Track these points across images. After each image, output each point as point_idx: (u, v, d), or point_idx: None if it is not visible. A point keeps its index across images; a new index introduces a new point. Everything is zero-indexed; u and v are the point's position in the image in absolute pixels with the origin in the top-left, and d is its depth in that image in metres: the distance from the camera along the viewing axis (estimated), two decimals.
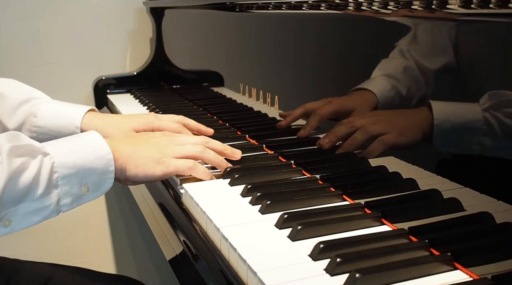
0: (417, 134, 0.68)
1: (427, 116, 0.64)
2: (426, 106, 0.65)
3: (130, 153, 0.76)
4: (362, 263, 0.54)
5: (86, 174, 0.70)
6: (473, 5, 0.56)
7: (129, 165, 0.75)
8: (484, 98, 0.57)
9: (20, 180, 0.65)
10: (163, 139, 0.81)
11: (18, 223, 0.66)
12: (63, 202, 0.69)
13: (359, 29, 0.79)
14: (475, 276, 0.52)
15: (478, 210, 0.58)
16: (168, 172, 0.77)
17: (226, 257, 0.61)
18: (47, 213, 0.68)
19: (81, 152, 0.70)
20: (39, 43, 1.69)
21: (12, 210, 0.65)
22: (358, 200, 0.71)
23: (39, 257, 1.05)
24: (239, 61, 1.21)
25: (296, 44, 0.96)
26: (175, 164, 0.77)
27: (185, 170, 0.78)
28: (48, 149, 0.69)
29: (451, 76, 0.64)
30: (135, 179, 0.76)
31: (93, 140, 0.73)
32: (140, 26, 1.78)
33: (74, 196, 0.70)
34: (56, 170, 0.68)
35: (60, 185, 0.68)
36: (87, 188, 0.71)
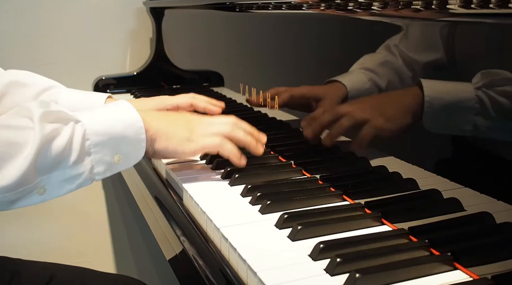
0: (407, 115, 0.67)
1: (418, 95, 0.63)
2: (417, 85, 0.64)
3: (161, 126, 0.76)
4: (362, 263, 0.54)
5: (117, 141, 0.70)
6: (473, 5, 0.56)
7: (160, 137, 0.75)
8: (477, 77, 0.56)
9: (52, 146, 0.64)
10: (193, 118, 0.82)
11: (52, 191, 0.67)
12: (97, 170, 0.69)
13: (359, 29, 0.79)
14: (475, 276, 0.52)
15: (478, 210, 0.58)
16: (197, 150, 0.78)
17: (226, 257, 0.61)
18: (80, 181, 0.68)
19: (112, 119, 0.71)
20: (39, 43, 1.69)
21: (46, 177, 0.65)
22: (358, 200, 0.71)
23: (40, 257, 1.05)
24: (239, 61, 1.21)
25: (296, 44, 0.96)
26: (204, 141, 0.78)
27: (212, 146, 0.78)
28: (80, 116, 0.69)
29: (441, 71, 0.64)
30: (164, 152, 0.76)
31: (124, 109, 0.73)
32: (140, 26, 1.78)
33: (107, 164, 0.70)
34: (88, 137, 0.68)
35: (92, 152, 0.68)
36: (119, 156, 0.71)
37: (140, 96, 1.54)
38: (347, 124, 0.77)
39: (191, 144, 0.77)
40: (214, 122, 0.81)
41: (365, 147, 0.75)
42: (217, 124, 0.81)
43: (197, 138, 0.78)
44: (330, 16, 0.83)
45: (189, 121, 0.80)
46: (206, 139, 0.78)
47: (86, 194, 1.79)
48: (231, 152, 0.79)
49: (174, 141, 0.76)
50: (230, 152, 0.79)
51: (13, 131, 0.64)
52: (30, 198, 0.65)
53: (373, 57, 0.74)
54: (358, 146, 0.76)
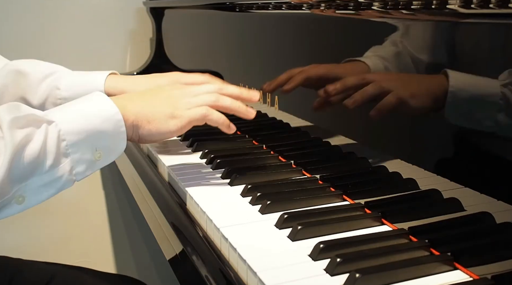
0: (430, 99, 0.65)
1: (442, 83, 0.62)
2: (443, 74, 0.62)
3: (140, 109, 0.72)
4: (362, 263, 0.54)
5: (96, 138, 0.66)
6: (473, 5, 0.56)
7: (141, 122, 0.72)
8: (504, 75, 0.55)
9: (26, 153, 0.61)
10: (174, 92, 0.77)
11: (32, 198, 0.63)
12: (77, 170, 0.66)
13: (359, 29, 0.79)
14: (475, 276, 0.52)
15: (478, 210, 0.58)
16: (183, 126, 0.74)
17: (226, 257, 0.61)
18: (60, 184, 0.65)
19: (87, 115, 0.67)
20: (39, 43, 1.69)
21: (23, 185, 0.62)
22: (358, 200, 0.71)
23: (40, 257, 1.05)
24: (239, 61, 1.21)
25: (296, 44, 0.96)
26: (188, 114, 0.74)
27: (199, 118, 0.74)
28: (52, 116, 0.65)
29: None
30: (150, 137, 0.73)
31: (99, 101, 0.69)
32: (140, 26, 1.78)
33: (88, 162, 0.67)
34: (64, 138, 0.64)
35: (70, 152, 0.65)
36: (99, 153, 0.67)
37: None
38: (372, 90, 0.73)
39: (176, 120, 0.73)
40: (198, 92, 0.77)
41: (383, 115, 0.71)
42: (201, 94, 0.77)
43: (181, 113, 0.74)
44: (330, 16, 0.83)
45: (170, 96, 0.76)
46: (191, 112, 0.74)
47: (86, 194, 1.79)
48: (218, 120, 0.76)
49: (156, 122, 0.72)
50: (218, 120, 0.76)
51: None
52: (10, 208, 0.62)
53: (383, 48, 0.73)
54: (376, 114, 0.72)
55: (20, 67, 0.95)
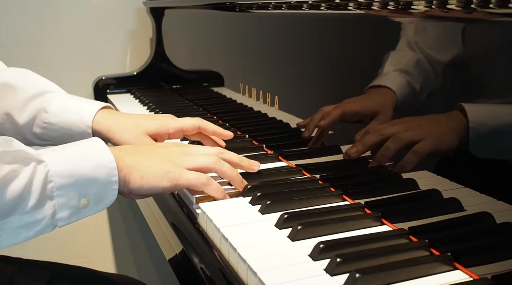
0: (452, 140, 0.63)
1: (461, 120, 0.59)
2: (458, 110, 0.60)
3: (135, 163, 0.68)
4: (362, 263, 0.54)
5: (86, 184, 0.63)
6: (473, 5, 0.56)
7: (134, 176, 0.68)
8: None
9: (8, 189, 0.57)
10: (174, 149, 0.74)
11: (6, 239, 0.60)
12: (60, 216, 0.62)
13: (359, 29, 0.79)
14: (475, 276, 0.52)
15: (478, 210, 0.58)
16: (179, 184, 0.69)
17: (226, 257, 0.61)
18: (39, 228, 0.61)
19: (80, 159, 0.63)
20: (39, 43, 1.69)
21: (0, 223, 0.58)
22: (358, 200, 0.71)
23: (40, 256, 1.05)
24: (239, 61, 1.21)
25: (296, 44, 0.96)
26: (187, 176, 0.70)
27: (197, 184, 0.70)
28: (44, 156, 0.62)
29: (461, 70, 0.63)
30: (140, 191, 0.69)
31: (95, 147, 0.66)
32: (140, 26, 1.79)
33: (72, 208, 0.63)
34: (52, 179, 0.61)
35: (55, 196, 0.61)
36: (87, 200, 0.64)
37: (140, 96, 1.54)
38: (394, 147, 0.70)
39: (171, 177, 0.69)
40: (197, 152, 0.74)
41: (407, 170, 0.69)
42: (200, 155, 0.73)
43: (179, 171, 0.70)
44: (330, 16, 0.83)
45: (170, 152, 0.73)
46: (191, 175, 0.70)
47: None
48: (217, 191, 0.72)
49: (150, 178, 0.68)
50: (217, 192, 0.72)
51: None
52: None
53: (403, 57, 0.70)
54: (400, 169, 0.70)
55: (11, 80, 0.91)
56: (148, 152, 0.72)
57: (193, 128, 0.88)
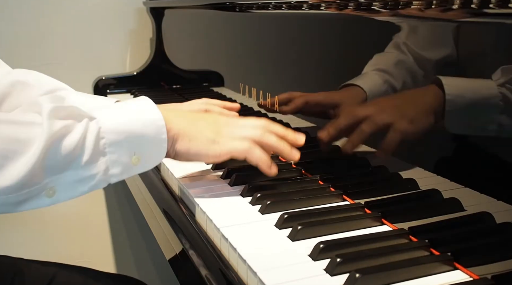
0: (429, 115, 0.63)
1: (438, 93, 0.59)
2: (435, 84, 0.59)
3: (185, 125, 0.70)
4: (362, 263, 0.54)
5: (136, 141, 0.64)
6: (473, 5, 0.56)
7: (182, 137, 0.69)
8: (497, 74, 0.53)
9: (62, 144, 0.59)
10: (221, 119, 0.75)
11: (63, 193, 0.62)
12: (112, 172, 0.64)
13: (359, 29, 0.79)
14: (475, 276, 0.52)
15: (478, 210, 0.59)
16: (222, 153, 0.71)
17: (226, 257, 0.61)
18: (94, 183, 0.63)
19: (130, 117, 0.65)
20: (39, 43, 1.69)
21: (56, 178, 0.60)
22: (358, 200, 0.71)
23: (41, 256, 1.05)
24: (239, 61, 1.21)
25: (296, 44, 0.96)
26: (230, 144, 0.71)
27: (240, 151, 0.71)
28: (95, 113, 0.64)
29: (454, 69, 0.63)
30: (186, 154, 0.70)
31: (145, 105, 0.68)
32: (140, 26, 1.79)
33: (124, 165, 0.64)
34: (103, 136, 0.62)
35: (108, 152, 0.63)
36: (137, 157, 0.65)
37: (140, 96, 1.53)
38: (368, 129, 0.71)
39: (216, 146, 0.70)
40: (244, 124, 0.74)
41: (390, 153, 0.70)
42: (246, 127, 0.73)
43: (223, 141, 0.71)
44: (330, 16, 0.83)
45: (216, 121, 0.74)
46: (233, 142, 0.71)
47: (87, 194, 1.79)
48: (260, 159, 0.72)
49: (197, 143, 0.70)
50: (259, 159, 0.72)
51: (18, 127, 0.58)
52: (38, 200, 0.61)
53: (384, 57, 0.71)
54: (384, 153, 0.71)
55: (24, 78, 0.92)
56: (195, 118, 0.74)
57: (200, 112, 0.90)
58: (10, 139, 0.58)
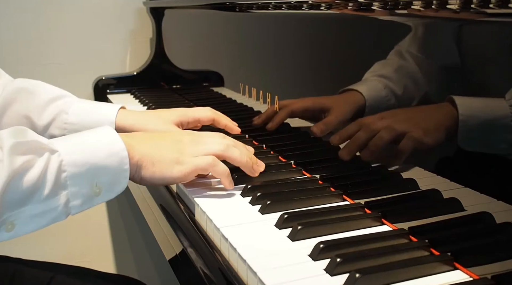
0: (441, 131, 0.63)
1: (451, 112, 0.60)
2: (449, 102, 0.61)
3: (147, 150, 0.70)
4: (362, 263, 0.54)
5: (98, 173, 0.64)
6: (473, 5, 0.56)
7: (145, 163, 0.69)
8: (510, 93, 0.54)
9: (23, 179, 0.59)
10: (185, 138, 0.75)
11: (22, 227, 0.61)
12: (73, 204, 0.64)
13: (359, 29, 0.79)
14: (475, 276, 0.52)
15: (478, 210, 0.58)
16: (187, 172, 0.71)
17: (226, 257, 0.61)
18: (54, 215, 0.63)
19: (92, 148, 0.65)
20: (39, 43, 1.69)
21: (16, 212, 0.60)
22: (358, 200, 0.71)
23: (40, 257, 1.05)
24: (239, 61, 1.21)
25: (296, 44, 0.96)
26: (194, 162, 0.71)
27: (204, 166, 0.72)
28: (56, 146, 0.63)
29: (458, 73, 0.63)
30: (151, 179, 0.70)
31: (107, 136, 0.67)
32: (140, 26, 1.78)
33: (85, 197, 0.64)
34: (65, 169, 0.62)
35: (69, 185, 0.63)
36: (99, 188, 0.65)
37: (140, 96, 1.54)
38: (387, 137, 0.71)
39: (181, 166, 0.71)
40: (207, 141, 0.75)
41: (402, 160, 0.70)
42: (210, 143, 0.75)
43: (187, 160, 0.71)
44: (330, 16, 0.83)
45: (179, 141, 0.74)
46: (197, 160, 0.72)
47: None
48: (223, 173, 0.74)
49: (161, 166, 0.70)
50: (223, 173, 0.74)
51: None
52: None
53: (386, 64, 0.72)
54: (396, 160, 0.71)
55: (27, 86, 0.93)
56: (160, 140, 0.74)
57: (209, 120, 0.95)
58: None
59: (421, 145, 0.67)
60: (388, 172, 0.73)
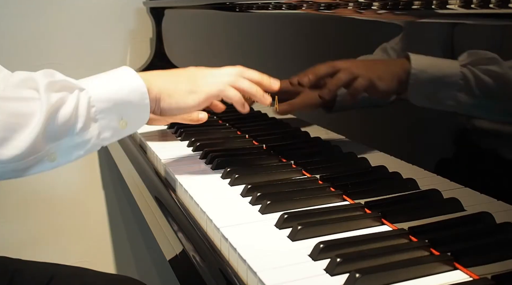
0: (394, 81, 0.70)
1: (405, 66, 0.66)
2: (405, 57, 0.66)
3: (163, 84, 0.78)
4: (362, 263, 0.54)
5: (122, 107, 0.72)
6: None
7: (163, 96, 0.77)
8: (463, 56, 0.58)
9: (59, 114, 0.67)
10: (197, 72, 0.82)
11: (62, 157, 0.69)
12: (104, 136, 0.72)
13: (359, 29, 0.79)
14: (475, 276, 0.52)
15: (478, 210, 0.58)
16: (201, 100, 0.79)
17: (226, 257, 0.61)
18: (89, 146, 0.71)
19: (115, 86, 0.72)
20: (39, 43, 1.68)
21: (56, 144, 0.68)
22: (358, 200, 0.71)
23: (40, 257, 1.05)
24: (239, 61, 1.21)
25: (296, 44, 0.96)
26: (206, 90, 0.79)
27: (215, 92, 0.79)
28: (84, 84, 0.71)
29: None
30: (169, 109, 0.78)
31: (126, 74, 0.75)
32: (140, 26, 1.78)
33: (114, 129, 0.72)
34: (94, 104, 0.70)
35: (98, 118, 0.70)
36: (125, 121, 0.73)
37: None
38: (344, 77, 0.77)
39: (195, 95, 0.78)
40: (219, 73, 0.82)
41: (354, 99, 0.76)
42: (221, 75, 0.81)
43: (200, 89, 0.79)
44: (330, 16, 0.83)
45: (193, 74, 0.81)
46: (208, 87, 0.79)
47: (86, 194, 1.79)
48: (233, 97, 0.79)
49: (176, 97, 0.78)
50: (233, 97, 0.79)
51: (21, 103, 0.66)
52: (42, 165, 0.68)
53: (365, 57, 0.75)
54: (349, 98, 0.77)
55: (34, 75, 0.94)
56: (175, 74, 0.81)
57: None
58: (14, 114, 0.65)
59: (373, 89, 0.73)
60: (388, 172, 0.73)
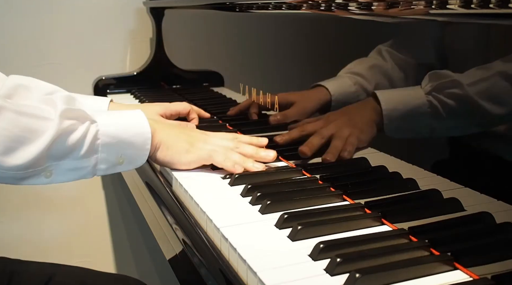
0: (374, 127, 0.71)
1: (376, 108, 0.68)
2: (373, 97, 0.68)
3: (166, 136, 0.83)
4: (362, 263, 0.54)
5: (125, 146, 0.78)
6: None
7: (162, 147, 0.82)
8: (425, 81, 0.60)
9: (68, 138, 0.73)
10: (197, 135, 0.88)
11: (58, 176, 0.75)
12: (99, 167, 0.77)
13: (359, 29, 0.79)
14: (475, 276, 0.52)
15: (478, 210, 0.58)
16: (192, 161, 0.83)
17: (226, 257, 0.61)
18: (83, 173, 0.77)
19: (124, 125, 0.78)
20: (39, 43, 1.69)
21: (56, 163, 0.74)
22: (358, 200, 0.71)
23: (40, 257, 1.05)
24: (239, 61, 1.21)
25: (296, 44, 0.96)
26: (199, 154, 0.83)
27: (205, 157, 0.83)
28: (97, 117, 0.77)
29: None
30: (163, 160, 0.83)
31: (138, 117, 0.81)
32: (140, 26, 1.78)
33: (110, 164, 0.78)
34: (99, 137, 0.76)
35: (100, 151, 0.76)
36: (122, 159, 0.78)
37: (140, 96, 1.54)
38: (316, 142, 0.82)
39: (188, 155, 0.83)
40: (215, 140, 0.86)
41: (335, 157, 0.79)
42: (217, 146, 0.85)
43: (194, 151, 0.83)
44: (330, 16, 0.83)
45: (193, 136, 0.86)
46: (202, 152, 0.84)
47: (87, 194, 1.79)
48: (219, 164, 0.82)
49: (173, 151, 0.83)
50: (219, 164, 0.82)
51: (36, 119, 0.72)
52: (38, 178, 0.74)
53: (362, 61, 0.76)
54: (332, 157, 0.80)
55: (23, 82, 0.96)
56: (177, 131, 0.87)
57: (186, 112, 1.10)
58: (26, 129, 0.71)
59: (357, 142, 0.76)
60: (388, 172, 0.73)
